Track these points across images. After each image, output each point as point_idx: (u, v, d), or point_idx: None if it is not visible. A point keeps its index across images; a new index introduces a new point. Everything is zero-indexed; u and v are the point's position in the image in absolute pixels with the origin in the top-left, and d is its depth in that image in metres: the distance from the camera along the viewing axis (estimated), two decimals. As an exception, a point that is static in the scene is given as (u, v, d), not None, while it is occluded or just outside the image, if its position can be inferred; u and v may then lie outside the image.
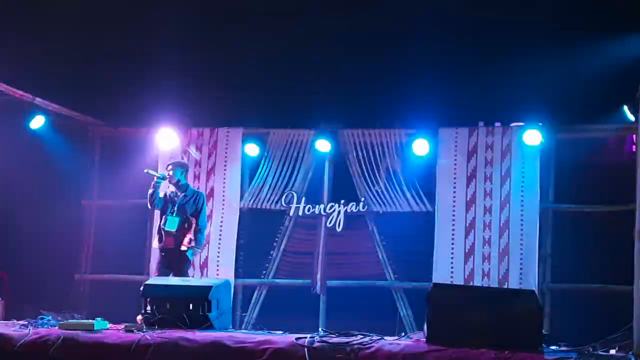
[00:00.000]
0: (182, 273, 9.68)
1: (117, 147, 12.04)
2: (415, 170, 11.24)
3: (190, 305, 8.50)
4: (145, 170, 9.96)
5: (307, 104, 11.10)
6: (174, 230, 9.68)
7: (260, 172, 11.61)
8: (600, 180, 10.56)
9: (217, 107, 11.48)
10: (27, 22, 10.60)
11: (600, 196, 10.61)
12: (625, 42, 10.02)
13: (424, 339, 7.18)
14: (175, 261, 9.72)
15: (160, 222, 9.86)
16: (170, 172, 9.92)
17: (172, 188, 9.97)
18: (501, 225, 10.86)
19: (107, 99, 11.45)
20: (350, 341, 7.13)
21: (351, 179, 11.43)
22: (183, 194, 9.86)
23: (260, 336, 7.63)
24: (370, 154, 11.36)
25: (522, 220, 10.81)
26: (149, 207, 9.97)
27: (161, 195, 9.90)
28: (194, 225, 9.74)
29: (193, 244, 9.70)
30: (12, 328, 7.98)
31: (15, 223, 10.91)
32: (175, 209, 9.75)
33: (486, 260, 10.84)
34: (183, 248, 9.65)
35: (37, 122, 11.17)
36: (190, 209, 9.80)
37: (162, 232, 9.73)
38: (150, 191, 9.82)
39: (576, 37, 10.00)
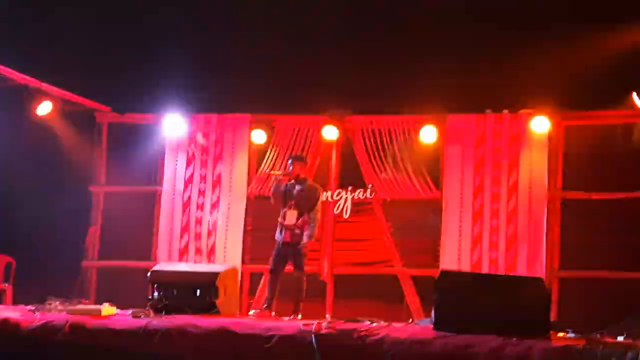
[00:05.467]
0: (301, 267, 9.48)
1: (124, 133, 12.03)
2: (423, 157, 11.20)
3: (197, 291, 8.51)
4: (272, 172, 10.16)
5: (315, 91, 11.05)
6: (292, 224, 9.46)
7: (268, 159, 11.58)
8: (609, 167, 10.52)
9: (224, 93, 11.44)
10: (33, 7, 10.58)
11: (608, 183, 10.56)
12: (634, 29, 9.97)
13: (432, 326, 7.18)
14: (291, 255, 9.51)
15: (280, 215, 9.58)
16: (290, 167, 9.62)
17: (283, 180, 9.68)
18: (509, 212, 10.83)
19: (114, 85, 11.43)
20: (358, 328, 7.13)
21: (358, 165, 11.39)
22: (300, 188, 9.57)
23: (267, 322, 7.63)
24: (378, 140, 11.31)
25: (530, 207, 10.77)
26: (272, 202, 9.72)
27: (281, 188, 9.61)
28: (308, 219, 9.52)
29: (305, 239, 9.46)
30: (20, 313, 7.99)
31: (23, 209, 10.89)
32: (293, 203, 9.51)
33: (494, 248, 10.80)
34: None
35: (44, 108, 11.17)
36: (306, 204, 9.51)
37: (282, 226, 9.50)
38: (273, 188, 9.68)
39: (585, 23, 9.95)
